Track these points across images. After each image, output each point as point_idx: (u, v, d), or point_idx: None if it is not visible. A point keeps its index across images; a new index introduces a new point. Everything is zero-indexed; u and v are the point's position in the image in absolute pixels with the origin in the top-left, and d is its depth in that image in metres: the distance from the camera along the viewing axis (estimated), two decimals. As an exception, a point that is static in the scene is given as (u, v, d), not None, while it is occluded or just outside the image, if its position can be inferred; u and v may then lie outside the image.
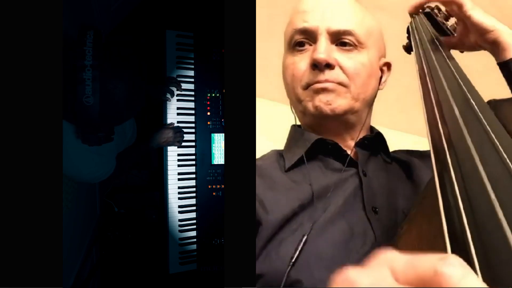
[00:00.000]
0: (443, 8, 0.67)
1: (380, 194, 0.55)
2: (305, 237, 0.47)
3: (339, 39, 0.59)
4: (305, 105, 0.59)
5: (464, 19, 0.58)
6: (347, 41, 0.59)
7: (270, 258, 0.47)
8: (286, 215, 0.49)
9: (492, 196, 0.23)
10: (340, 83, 0.58)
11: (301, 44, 0.60)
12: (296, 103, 0.61)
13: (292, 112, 0.66)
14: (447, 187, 0.27)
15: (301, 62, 0.60)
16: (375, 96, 0.64)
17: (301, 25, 0.60)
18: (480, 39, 0.57)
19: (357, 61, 0.59)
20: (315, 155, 0.59)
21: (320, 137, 0.59)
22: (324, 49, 0.57)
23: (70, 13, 0.91)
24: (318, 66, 0.57)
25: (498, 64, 0.56)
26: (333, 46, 0.59)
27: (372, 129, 0.66)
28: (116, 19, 1.32)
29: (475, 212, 0.23)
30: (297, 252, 0.46)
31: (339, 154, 0.59)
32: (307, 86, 0.59)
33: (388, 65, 0.65)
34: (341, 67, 0.58)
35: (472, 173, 0.26)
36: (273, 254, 0.47)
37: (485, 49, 0.59)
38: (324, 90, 0.57)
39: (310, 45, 0.60)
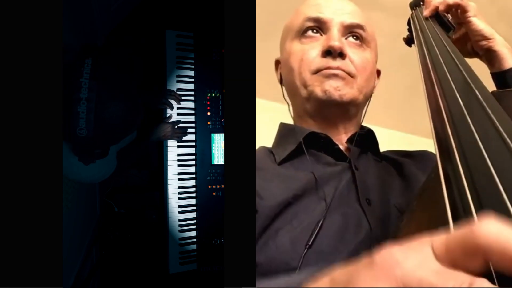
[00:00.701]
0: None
1: (372, 187, 0.55)
2: (321, 222, 0.48)
3: (351, 31, 0.62)
4: (312, 90, 0.60)
5: (465, 24, 0.59)
6: (358, 34, 0.62)
7: (267, 247, 0.47)
8: (280, 202, 0.50)
9: (500, 187, 0.23)
10: (349, 73, 0.60)
11: (312, 30, 0.62)
12: (301, 88, 0.62)
13: (285, 99, 0.67)
14: (451, 178, 0.26)
15: (311, 50, 0.61)
16: (370, 96, 0.65)
17: (315, 14, 0.62)
18: (476, 45, 0.59)
19: (363, 56, 0.62)
20: (306, 149, 0.59)
21: (312, 130, 0.59)
22: (338, 38, 0.60)
23: (70, 13, 0.91)
24: (332, 53, 0.59)
25: (492, 74, 0.57)
26: (343, 39, 0.61)
27: (362, 127, 0.67)
28: (116, 19, 1.32)
29: (482, 201, 0.22)
30: (313, 237, 0.47)
31: (330, 148, 0.59)
32: (316, 71, 0.60)
33: (379, 72, 0.69)
34: (350, 60, 0.60)
35: (477, 162, 0.26)
36: (270, 243, 0.47)
37: (478, 57, 0.60)
38: (335, 76, 0.59)
39: (321, 34, 0.62)
